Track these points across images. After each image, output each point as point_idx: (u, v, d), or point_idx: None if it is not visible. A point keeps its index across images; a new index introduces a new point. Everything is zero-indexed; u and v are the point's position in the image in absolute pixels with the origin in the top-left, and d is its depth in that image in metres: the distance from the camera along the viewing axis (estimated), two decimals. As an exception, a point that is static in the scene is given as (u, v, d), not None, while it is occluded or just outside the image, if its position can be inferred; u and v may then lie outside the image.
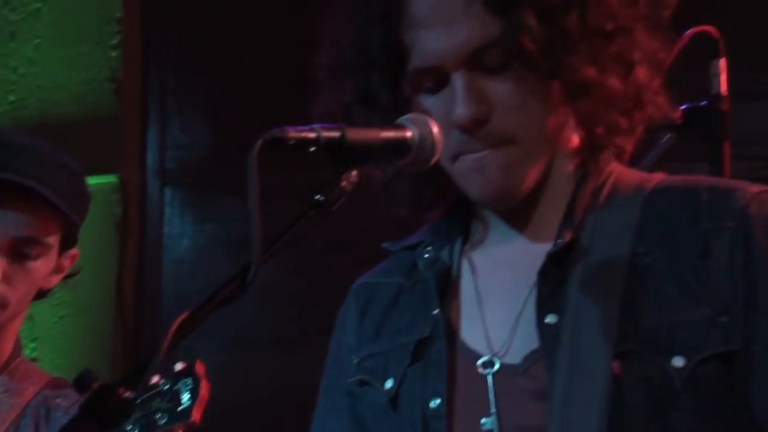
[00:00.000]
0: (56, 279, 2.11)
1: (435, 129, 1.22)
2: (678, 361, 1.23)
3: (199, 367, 1.52)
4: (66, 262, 2.10)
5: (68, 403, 2.08)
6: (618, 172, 1.36)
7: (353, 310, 1.49)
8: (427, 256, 1.41)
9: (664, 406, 1.24)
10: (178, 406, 1.54)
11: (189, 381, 1.56)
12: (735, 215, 1.26)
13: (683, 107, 1.80)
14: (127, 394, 1.06)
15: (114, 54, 3.39)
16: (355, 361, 1.46)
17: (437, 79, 1.29)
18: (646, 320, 1.26)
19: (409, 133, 1.21)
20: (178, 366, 1.56)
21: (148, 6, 3.41)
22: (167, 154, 3.46)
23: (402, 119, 1.23)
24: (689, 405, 1.23)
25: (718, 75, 1.84)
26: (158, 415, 1.56)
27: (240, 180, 1.11)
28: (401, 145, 1.21)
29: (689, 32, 1.80)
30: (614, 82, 1.28)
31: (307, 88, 1.53)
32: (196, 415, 1.50)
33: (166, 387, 1.56)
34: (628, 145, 1.36)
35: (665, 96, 1.33)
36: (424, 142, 1.21)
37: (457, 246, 1.41)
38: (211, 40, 3.37)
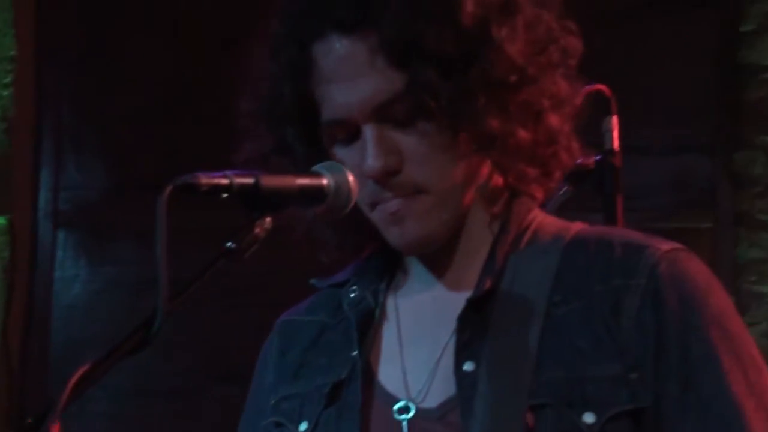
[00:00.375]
0: None
1: (351, 178, 1.23)
2: (589, 417, 1.25)
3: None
4: None
5: None
6: (539, 219, 1.38)
7: (275, 348, 1.49)
8: (352, 295, 1.42)
9: None
10: None
11: None
12: (645, 272, 1.28)
13: (579, 161, 1.82)
14: None
15: (5, 93, 3.33)
16: (272, 401, 1.44)
17: (349, 131, 1.31)
18: (559, 373, 1.28)
19: (324, 181, 1.23)
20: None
21: (43, 45, 3.37)
22: (60, 195, 3.38)
23: (318, 167, 1.24)
24: None
25: (610, 131, 1.92)
26: None
27: (137, 223, 1.08)
28: (317, 193, 1.22)
29: (585, 89, 1.85)
30: (521, 132, 1.31)
31: (204, 129, 1.52)
32: None
33: None
34: (542, 192, 1.39)
35: (577, 142, 1.37)
36: (340, 190, 1.23)
37: (382, 287, 1.42)
38: (108, 79, 3.35)
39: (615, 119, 1.90)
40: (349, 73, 1.28)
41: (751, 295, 3.05)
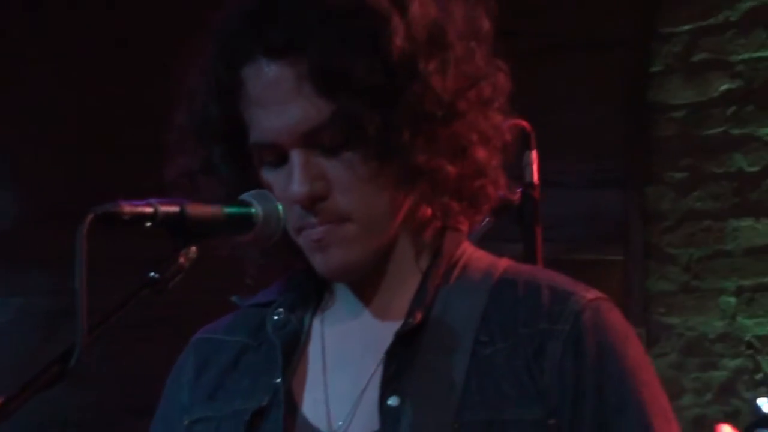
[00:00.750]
0: None
1: (280, 207, 1.25)
2: None
3: None
4: None
5: None
6: (469, 253, 1.40)
7: (190, 366, 1.44)
8: (276, 318, 1.40)
9: None
10: None
11: None
12: (570, 320, 1.31)
13: (502, 194, 1.91)
14: None
15: None
16: (186, 422, 1.40)
17: (278, 154, 1.31)
18: (483, 414, 1.28)
19: (253, 210, 1.23)
20: None
21: None
22: None
23: (247, 195, 1.25)
24: None
25: (530, 165, 1.96)
26: None
27: (48, 252, 1.08)
28: (245, 222, 1.23)
29: (507, 124, 1.97)
30: (448, 166, 1.32)
31: (118, 156, 1.51)
32: None
33: None
34: (468, 224, 1.41)
35: (504, 176, 1.39)
36: (269, 219, 1.24)
37: (309, 311, 1.41)
38: (19, 107, 3.27)
39: (534, 153, 1.95)
40: (277, 99, 1.29)
41: (660, 326, 3.20)
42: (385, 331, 1.31)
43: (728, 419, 2.95)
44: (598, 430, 1.26)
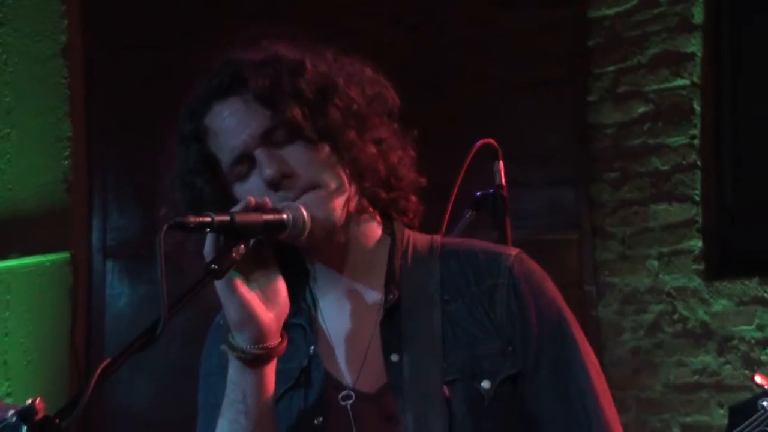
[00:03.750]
0: None
1: (305, 212, 1.36)
2: (486, 384, 1.41)
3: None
4: None
5: None
6: (412, 236, 1.53)
7: (217, 341, 1.53)
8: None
9: (480, 417, 1.40)
10: None
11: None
12: (506, 273, 1.46)
13: (478, 194, 2.17)
14: (60, 422, 1.15)
15: (65, 163, 3.95)
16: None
17: (246, 164, 1.43)
18: (461, 354, 1.42)
19: (285, 216, 1.35)
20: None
21: (92, 126, 3.99)
22: (108, 235, 4.01)
23: (280, 206, 1.36)
24: (496, 415, 1.41)
25: (499, 171, 2.19)
26: None
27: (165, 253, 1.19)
28: (279, 225, 1.34)
29: (478, 143, 2.17)
30: (371, 147, 1.45)
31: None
32: None
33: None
34: (412, 217, 1.53)
35: (415, 172, 1.51)
36: (297, 221, 1.36)
37: (306, 293, 1.50)
38: (140, 149, 3.52)
39: (501, 163, 2.18)
40: (235, 121, 1.42)
41: (605, 285, 3.75)
42: (372, 306, 1.46)
43: (656, 349, 3.60)
44: (542, 344, 1.44)
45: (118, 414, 3.90)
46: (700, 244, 3.59)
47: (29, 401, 1.16)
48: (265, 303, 1.34)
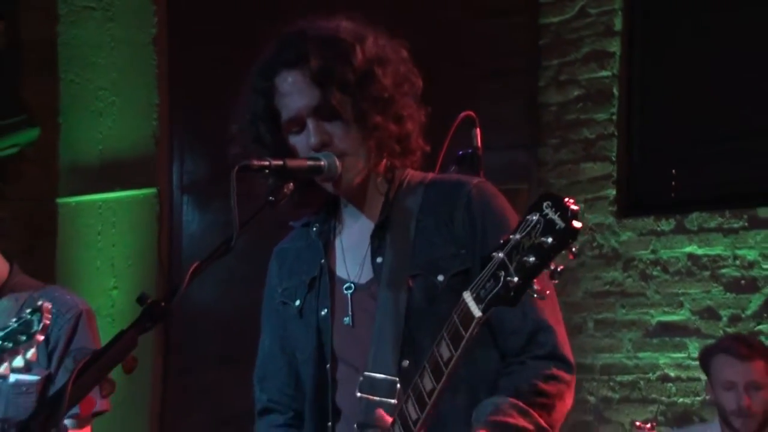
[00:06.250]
0: None
1: (337, 161, 1.60)
2: (440, 277, 1.64)
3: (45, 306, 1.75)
4: None
5: (39, 295, 2.41)
6: (411, 174, 1.74)
7: (276, 264, 1.83)
8: (315, 228, 1.77)
9: (434, 302, 1.63)
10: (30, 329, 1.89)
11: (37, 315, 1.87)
12: (465, 197, 1.66)
13: (460, 152, 2.34)
14: (165, 305, 1.41)
15: (154, 123, 4.79)
16: (279, 291, 1.81)
17: (299, 125, 1.64)
18: (424, 256, 1.66)
19: (322, 162, 1.61)
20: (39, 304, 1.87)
21: (173, 96, 4.70)
22: (183, 176, 4.80)
23: (316, 155, 1.60)
24: (446, 300, 1.59)
25: (476, 136, 2.36)
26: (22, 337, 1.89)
27: (228, 190, 1.38)
28: (317, 168, 1.61)
29: (461, 114, 2.34)
30: (392, 126, 1.65)
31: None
32: (38, 337, 1.86)
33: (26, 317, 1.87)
34: (414, 163, 1.71)
35: (422, 139, 1.72)
36: (331, 167, 1.63)
37: (332, 222, 1.77)
38: (207, 113, 4.12)
39: (478, 130, 2.36)
40: (296, 90, 1.63)
41: None
42: (370, 225, 1.74)
43: (579, 267, 4.09)
44: (485, 247, 1.60)
45: (188, 308, 4.60)
46: (614, 192, 4.17)
47: (142, 292, 1.35)
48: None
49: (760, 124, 3.98)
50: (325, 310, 1.73)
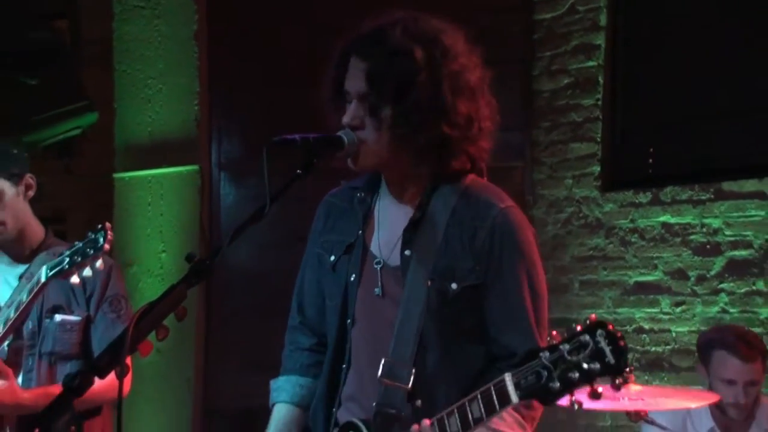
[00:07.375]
0: (31, 193, 2.54)
1: (356, 139, 1.77)
2: (453, 285, 1.78)
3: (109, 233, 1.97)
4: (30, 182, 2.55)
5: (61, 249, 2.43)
6: (446, 176, 1.83)
7: (323, 213, 2.00)
8: (358, 195, 1.91)
9: (445, 305, 1.78)
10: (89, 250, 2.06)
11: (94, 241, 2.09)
12: (490, 220, 1.79)
13: None
14: (209, 263, 1.56)
15: (196, 108, 5.11)
16: (320, 240, 2.00)
17: (349, 101, 1.85)
18: (446, 261, 1.78)
19: (344, 138, 1.80)
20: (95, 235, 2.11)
21: (212, 85, 5.07)
22: (221, 156, 5.12)
23: (339, 133, 1.77)
24: (456, 305, 1.77)
25: None
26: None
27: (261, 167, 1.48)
28: (340, 143, 1.79)
29: None
30: (421, 138, 1.75)
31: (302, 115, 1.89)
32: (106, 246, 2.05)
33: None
34: (454, 164, 1.83)
35: (477, 143, 1.84)
36: (352, 143, 1.80)
37: (375, 195, 1.91)
38: (243, 101, 4.98)
39: None
40: (355, 75, 1.82)
41: (539, 195, 4.51)
42: (405, 215, 1.86)
43: (567, 235, 4.41)
44: (499, 274, 1.79)
45: (227, 268, 4.99)
46: (598, 169, 4.47)
47: (190, 251, 1.45)
48: None
49: (725, 109, 4.31)
50: (354, 276, 1.92)
